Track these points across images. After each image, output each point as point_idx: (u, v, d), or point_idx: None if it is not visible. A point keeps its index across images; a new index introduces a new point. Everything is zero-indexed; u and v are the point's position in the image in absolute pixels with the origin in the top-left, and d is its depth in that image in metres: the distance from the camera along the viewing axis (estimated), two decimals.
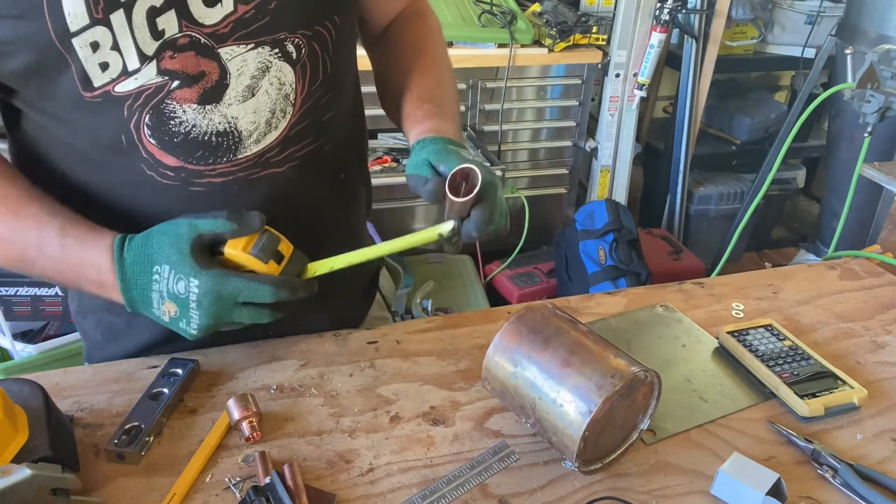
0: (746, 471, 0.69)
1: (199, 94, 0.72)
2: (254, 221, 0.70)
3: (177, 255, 0.69)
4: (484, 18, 2.36)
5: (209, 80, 0.72)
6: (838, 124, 2.63)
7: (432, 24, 0.98)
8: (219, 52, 0.72)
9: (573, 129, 2.63)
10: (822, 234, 2.81)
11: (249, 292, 0.69)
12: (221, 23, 0.71)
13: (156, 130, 0.72)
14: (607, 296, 1.04)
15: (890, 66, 1.46)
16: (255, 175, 0.78)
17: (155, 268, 0.69)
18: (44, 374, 0.81)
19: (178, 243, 0.69)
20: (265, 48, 0.74)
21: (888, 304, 1.05)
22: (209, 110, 0.73)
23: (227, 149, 0.76)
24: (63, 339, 1.81)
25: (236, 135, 0.75)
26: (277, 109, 0.77)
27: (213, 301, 0.68)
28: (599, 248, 2.34)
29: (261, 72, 0.74)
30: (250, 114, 0.75)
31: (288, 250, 0.73)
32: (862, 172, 1.50)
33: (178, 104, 0.72)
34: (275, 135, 0.77)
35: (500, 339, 0.74)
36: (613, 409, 0.68)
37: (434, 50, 0.95)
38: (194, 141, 0.74)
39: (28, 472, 0.57)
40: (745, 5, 2.68)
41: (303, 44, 0.76)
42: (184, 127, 0.73)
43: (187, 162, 0.75)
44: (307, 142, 0.81)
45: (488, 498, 0.69)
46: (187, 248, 0.68)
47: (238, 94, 0.74)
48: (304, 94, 0.78)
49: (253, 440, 0.74)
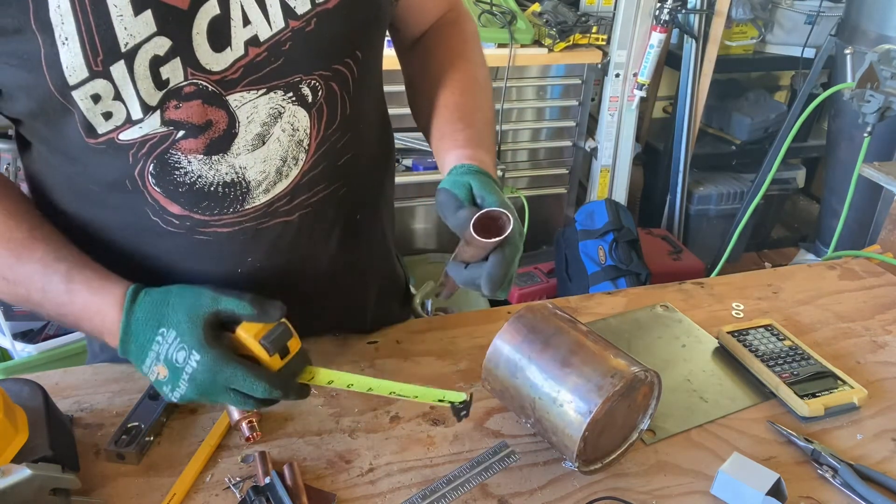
0: (746, 471, 0.69)
1: (205, 144, 0.69)
2: (275, 312, 0.67)
3: (187, 325, 0.65)
4: (484, 18, 2.36)
5: (216, 130, 0.69)
6: (838, 124, 2.63)
7: (469, 34, 0.91)
8: (227, 99, 0.68)
9: (573, 129, 2.63)
10: (822, 234, 2.81)
11: (245, 383, 0.65)
12: (230, 68, 0.67)
13: (160, 179, 0.70)
14: (607, 296, 1.04)
15: (890, 66, 1.46)
16: (263, 225, 0.75)
17: (161, 329, 0.66)
18: (44, 374, 0.81)
19: (194, 313, 0.65)
20: (278, 93, 0.69)
21: (888, 304, 1.05)
22: (216, 161, 0.70)
23: (234, 199, 0.72)
24: (63, 339, 1.81)
25: (244, 185, 0.72)
26: (289, 157, 0.73)
27: (207, 380, 0.65)
28: (599, 248, 2.34)
29: (272, 118, 0.70)
30: (260, 163, 0.71)
31: (295, 347, 0.70)
32: (862, 172, 1.50)
33: (183, 154, 0.68)
34: (285, 183, 0.73)
35: (500, 339, 0.74)
36: (613, 409, 0.68)
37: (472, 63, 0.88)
38: (200, 191, 0.71)
39: (28, 472, 0.57)
40: (744, 5, 2.68)
41: (320, 85, 0.71)
42: (189, 177, 0.70)
43: (192, 211, 0.72)
44: (320, 188, 0.76)
45: (488, 498, 0.69)
46: (201, 322, 0.65)
47: (247, 143, 0.70)
48: (318, 138, 0.74)
49: (253, 440, 0.74)
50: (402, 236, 2.56)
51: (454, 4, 0.92)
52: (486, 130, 0.82)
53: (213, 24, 0.64)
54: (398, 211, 2.52)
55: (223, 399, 0.66)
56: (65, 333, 1.83)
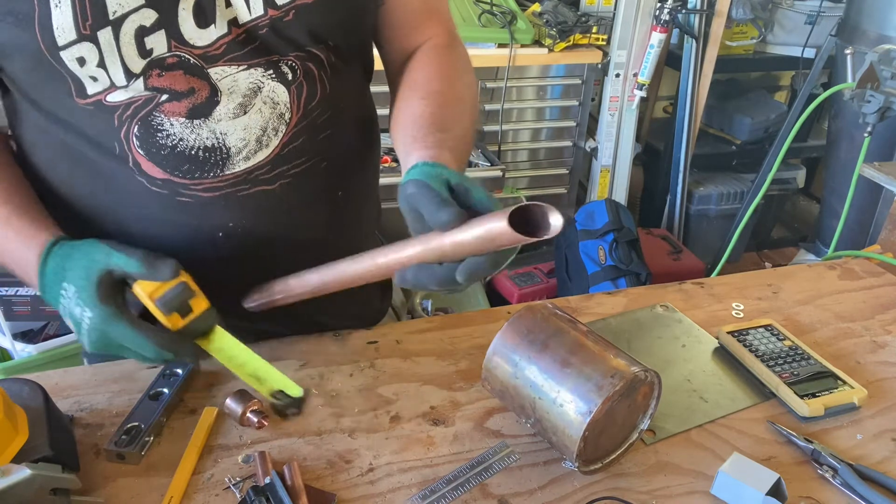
0: (746, 471, 0.69)
1: (188, 108, 0.71)
2: (165, 271, 0.67)
3: (83, 281, 0.67)
4: (484, 18, 2.36)
5: (199, 97, 0.72)
6: (838, 124, 2.63)
7: (460, 59, 0.90)
8: (208, 71, 0.71)
9: (573, 129, 2.63)
10: (822, 234, 2.81)
11: (133, 343, 0.67)
12: (213, 45, 0.70)
13: (143, 142, 0.72)
14: (607, 296, 1.04)
15: (890, 66, 1.46)
16: (243, 192, 0.77)
17: (64, 284, 0.68)
18: (44, 374, 0.81)
19: (89, 269, 0.67)
20: (258, 69, 0.73)
21: (888, 304, 1.05)
22: (197, 125, 0.72)
23: (214, 164, 0.74)
24: (63, 339, 1.81)
25: (224, 151, 0.74)
26: (269, 128, 0.75)
27: (99, 337, 0.67)
28: (599, 248, 2.34)
29: (252, 92, 0.73)
30: (240, 130, 0.74)
31: (199, 307, 0.71)
32: (862, 172, 1.50)
33: (166, 117, 0.71)
34: (266, 153, 0.76)
35: (500, 339, 0.74)
36: (613, 409, 0.68)
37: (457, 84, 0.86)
38: (181, 154, 0.73)
39: (28, 472, 0.57)
40: (745, 5, 2.68)
41: (297, 65, 0.75)
42: (171, 140, 0.72)
43: (174, 175, 0.74)
44: (301, 160, 0.79)
45: (488, 498, 0.69)
46: (95, 277, 0.67)
47: (229, 110, 0.73)
48: (300, 113, 0.76)
49: (262, 426, 0.74)
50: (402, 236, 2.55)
51: (447, 30, 0.90)
52: (461, 143, 0.77)
53: (199, 1, 0.68)
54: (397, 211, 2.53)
55: (124, 354, 0.69)
56: (65, 333, 1.83)
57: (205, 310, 0.71)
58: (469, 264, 0.61)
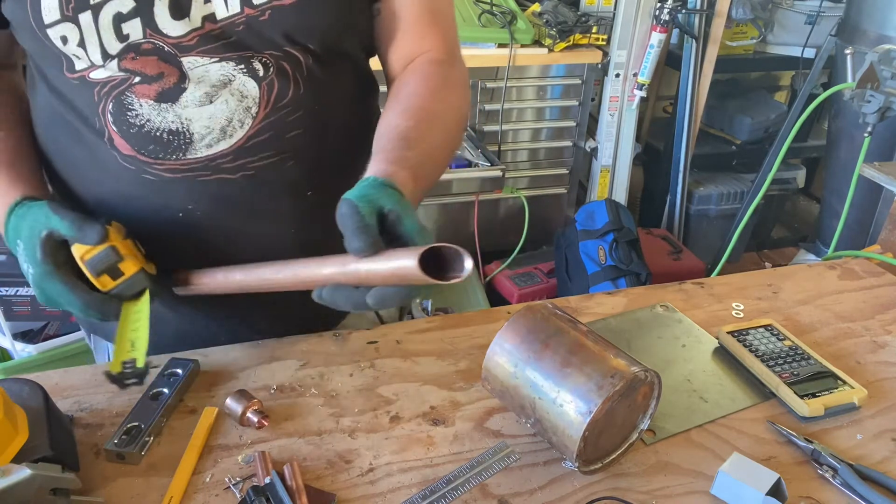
0: (746, 471, 0.69)
1: (157, 91, 0.75)
2: (91, 235, 0.71)
3: (30, 239, 0.72)
4: (484, 18, 2.36)
5: (168, 82, 0.75)
6: (838, 124, 2.63)
7: (454, 79, 0.88)
8: (181, 60, 0.74)
9: (573, 129, 2.63)
10: (822, 234, 2.81)
11: (64, 300, 0.72)
12: (186, 36, 0.74)
13: (116, 119, 0.77)
14: (607, 296, 1.04)
15: (890, 66, 1.46)
16: (202, 177, 0.79)
17: (18, 241, 0.73)
18: (44, 374, 0.81)
19: (35, 229, 0.72)
20: (230, 63, 0.76)
21: (888, 304, 1.05)
22: (164, 108, 0.76)
23: (176, 147, 0.77)
24: (63, 339, 1.81)
25: (187, 136, 0.77)
26: (235, 119, 0.77)
27: (41, 292, 0.72)
28: (599, 248, 2.34)
29: (222, 83, 0.76)
30: (205, 119, 0.77)
31: (130, 269, 0.74)
32: (862, 172, 1.50)
33: (136, 98, 0.76)
34: (229, 143, 0.78)
35: (500, 339, 0.74)
36: (613, 409, 0.68)
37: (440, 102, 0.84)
38: (147, 135, 0.77)
39: (28, 472, 0.57)
40: (745, 5, 2.68)
41: (271, 63, 0.77)
42: (139, 120, 0.76)
43: (139, 153, 0.78)
44: (266, 155, 0.80)
45: (488, 498, 0.69)
46: (38, 237, 0.71)
47: (195, 98, 0.76)
48: (268, 108, 0.78)
49: (262, 426, 0.74)
50: None
51: (446, 46, 0.89)
52: (428, 161, 0.77)
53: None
54: None
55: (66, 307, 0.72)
56: (65, 333, 1.83)
57: (133, 273, 0.74)
58: (380, 292, 0.63)
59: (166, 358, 0.83)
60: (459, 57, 0.92)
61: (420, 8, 0.86)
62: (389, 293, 0.63)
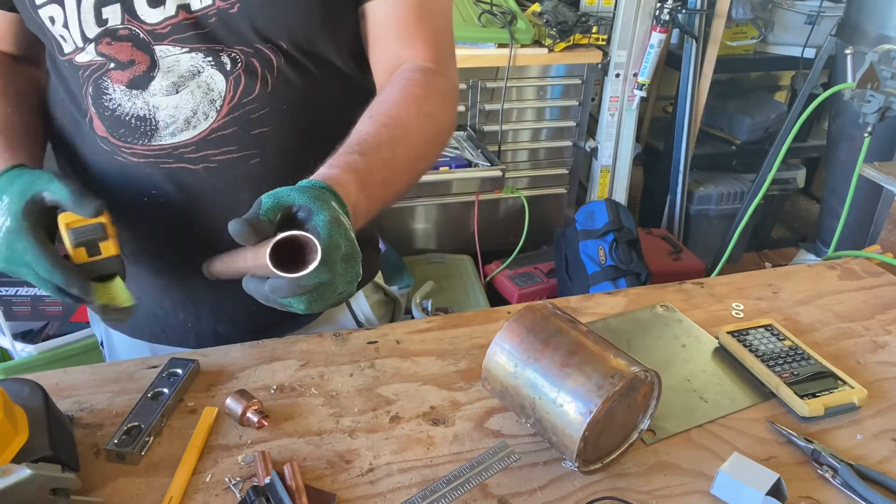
0: (746, 471, 0.69)
1: (129, 78, 0.79)
2: (88, 208, 0.71)
3: (18, 194, 0.72)
4: (484, 18, 2.36)
5: (139, 69, 0.78)
6: (838, 124, 2.63)
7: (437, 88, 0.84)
8: (154, 48, 0.78)
9: (573, 129, 2.63)
10: (822, 234, 2.81)
11: (31, 258, 0.70)
12: (161, 24, 0.77)
13: (94, 101, 0.81)
14: (607, 296, 1.04)
15: (890, 66, 1.46)
16: (166, 164, 0.81)
17: (3, 195, 0.73)
18: (44, 374, 0.81)
19: (25, 188, 0.72)
20: (199, 54, 0.78)
21: (888, 304, 1.05)
22: (134, 95, 0.79)
23: (143, 133, 0.80)
24: (63, 339, 1.81)
25: (153, 123, 0.80)
26: (200, 111, 0.79)
27: (7, 246, 0.71)
28: (599, 248, 2.34)
29: (190, 74, 0.78)
30: (171, 108, 0.79)
31: (108, 251, 0.74)
32: (862, 172, 1.50)
33: (111, 83, 0.79)
34: (192, 133, 0.80)
35: (500, 339, 0.74)
36: (613, 410, 0.68)
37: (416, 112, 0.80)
38: (118, 119, 0.80)
39: (28, 472, 0.57)
40: (745, 5, 2.68)
41: (240, 58, 0.79)
42: (112, 104, 0.80)
43: (111, 135, 0.81)
44: (229, 149, 0.81)
45: (488, 498, 0.69)
46: (27, 196, 0.71)
47: (163, 87, 0.79)
48: (232, 103, 0.79)
49: (262, 426, 0.74)
50: (402, 236, 2.56)
51: (434, 54, 0.85)
52: (381, 167, 0.74)
53: None
54: (398, 210, 2.54)
55: (26, 274, 0.72)
56: (65, 333, 1.83)
57: (112, 255, 0.74)
58: (270, 283, 0.61)
59: (166, 358, 0.83)
60: (450, 64, 0.88)
61: (404, 11, 0.83)
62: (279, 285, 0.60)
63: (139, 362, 0.84)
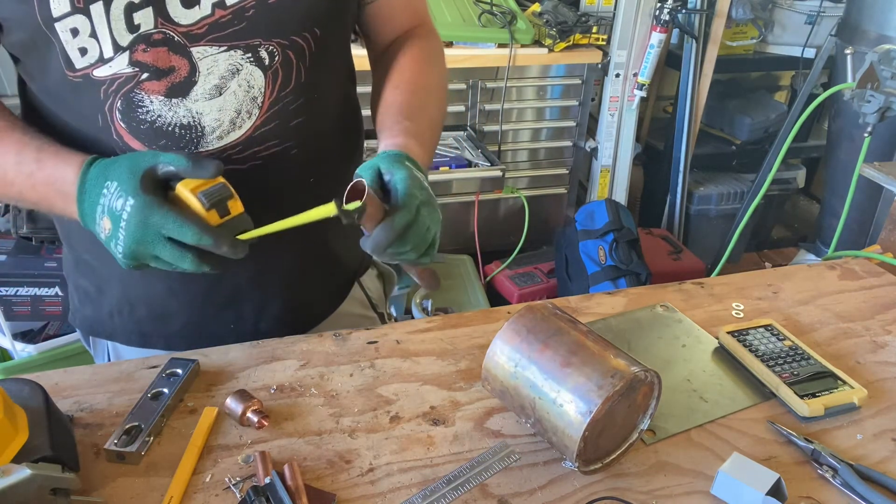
0: (746, 471, 0.69)
1: (167, 87, 0.76)
2: (209, 167, 0.71)
3: (128, 174, 0.70)
4: (484, 18, 2.36)
5: (178, 76, 0.76)
6: (838, 124, 2.63)
7: (432, 49, 0.97)
8: (191, 50, 0.76)
9: (573, 129, 2.63)
10: (822, 234, 2.81)
11: (174, 227, 0.68)
12: (196, 24, 0.75)
13: (125, 116, 0.77)
14: (607, 296, 1.04)
15: (890, 66, 1.46)
16: None
17: (107, 182, 0.71)
18: (44, 374, 0.81)
19: (134, 165, 0.70)
20: (237, 52, 0.77)
21: (888, 304, 1.05)
22: (175, 103, 0.77)
23: (189, 141, 0.79)
24: (63, 339, 1.81)
25: (199, 129, 0.79)
26: (243, 110, 0.79)
27: (139, 224, 0.68)
28: (599, 248, 2.34)
29: (230, 73, 0.78)
30: (215, 111, 0.78)
31: (236, 209, 0.73)
32: (862, 172, 1.50)
33: (146, 94, 0.76)
34: (238, 134, 0.80)
35: (500, 339, 0.74)
36: (613, 409, 0.68)
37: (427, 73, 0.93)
38: (159, 130, 0.78)
39: (28, 472, 0.57)
40: (745, 5, 2.68)
41: (277, 51, 0.79)
42: (150, 116, 0.77)
43: (151, 148, 0.79)
44: (272, 143, 0.82)
45: (488, 498, 0.69)
46: (140, 171, 0.70)
47: (205, 91, 0.77)
48: (272, 98, 0.80)
49: (262, 426, 0.74)
50: None
51: (422, 21, 0.98)
52: (426, 128, 0.87)
53: None
54: None
55: (161, 251, 0.70)
56: (64, 333, 1.83)
57: (241, 212, 0.74)
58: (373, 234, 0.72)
59: (166, 358, 0.83)
60: (434, 30, 1.01)
61: None
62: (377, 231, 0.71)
63: (139, 362, 0.84)
